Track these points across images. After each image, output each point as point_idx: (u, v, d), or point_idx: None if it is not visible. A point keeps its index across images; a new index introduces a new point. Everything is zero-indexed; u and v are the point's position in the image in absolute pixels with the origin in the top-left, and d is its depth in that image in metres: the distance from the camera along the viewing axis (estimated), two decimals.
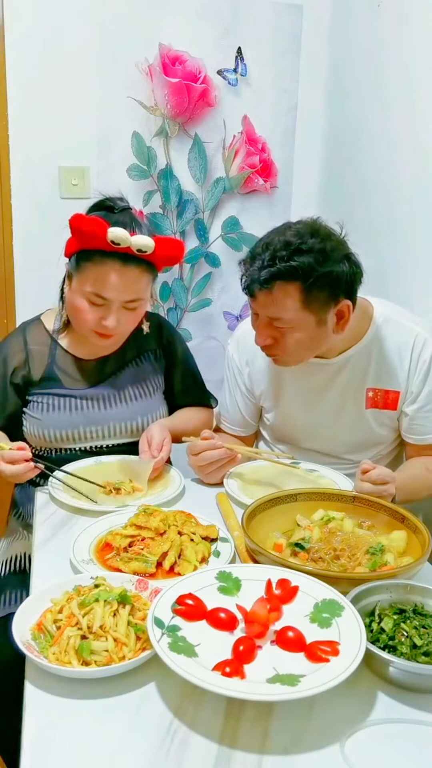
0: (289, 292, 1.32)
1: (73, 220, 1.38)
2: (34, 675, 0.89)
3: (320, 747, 0.80)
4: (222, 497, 1.40)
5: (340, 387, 1.54)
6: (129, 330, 1.53)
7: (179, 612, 0.95)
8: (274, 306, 1.35)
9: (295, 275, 1.31)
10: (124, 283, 1.42)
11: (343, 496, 1.31)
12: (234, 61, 2.33)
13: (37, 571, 1.15)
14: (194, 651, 0.89)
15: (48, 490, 1.41)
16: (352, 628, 0.92)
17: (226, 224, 2.46)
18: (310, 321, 1.36)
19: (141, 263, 1.42)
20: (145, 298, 1.48)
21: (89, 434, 1.53)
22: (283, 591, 1.01)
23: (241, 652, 0.89)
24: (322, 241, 1.33)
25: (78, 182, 2.25)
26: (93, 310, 1.44)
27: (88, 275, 1.42)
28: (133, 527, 1.20)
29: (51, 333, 1.58)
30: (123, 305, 1.44)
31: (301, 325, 1.36)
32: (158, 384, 1.64)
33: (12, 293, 2.29)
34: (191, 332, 2.51)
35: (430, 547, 1.11)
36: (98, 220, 1.36)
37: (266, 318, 1.39)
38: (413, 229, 1.89)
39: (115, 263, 1.40)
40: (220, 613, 0.96)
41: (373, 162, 2.11)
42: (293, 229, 1.35)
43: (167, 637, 0.90)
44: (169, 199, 2.37)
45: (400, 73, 1.93)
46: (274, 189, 2.50)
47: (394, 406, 1.53)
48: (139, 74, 2.23)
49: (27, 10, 2.09)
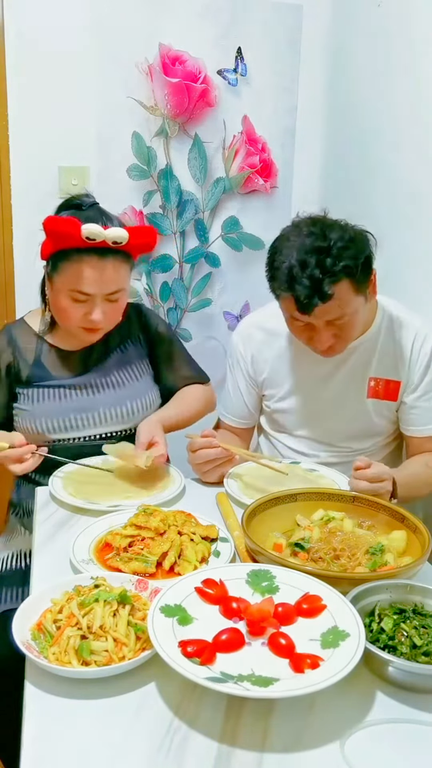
0: (344, 290, 1.36)
1: (47, 222, 1.40)
2: (34, 675, 0.89)
3: (320, 746, 0.80)
4: (222, 497, 1.40)
5: (344, 376, 1.57)
6: (114, 322, 1.55)
7: (199, 590, 0.98)
8: (335, 309, 1.38)
9: (348, 273, 1.35)
10: (104, 276, 1.44)
11: (343, 496, 1.31)
12: (234, 61, 2.33)
13: (37, 570, 1.15)
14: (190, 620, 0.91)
15: (48, 489, 1.41)
16: (350, 626, 0.92)
17: (226, 224, 2.46)
18: (361, 301, 1.43)
19: (117, 255, 1.44)
20: (125, 288, 1.51)
21: (80, 422, 1.54)
22: (309, 606, 0.98)
23: (221, 641, 0.90)
24: (343, 231, 1.37)
25: (78, 182, 2.24)
26: (77, 307, 1.46)
27: (68, 274, 1.44)
28: (133, 527, 1.20)
29: (37, 333, 1.59)
30: (106, 298, 1.47)
31: (358, 309, 1.42)
32: (145, 368, 1.65)
33: (12, 293, 2.29)
34: (191, 332, 2.51)
35: (430, 547, 1.11)
36: (71, 220, 1.39)
37: (324, 322, 1.41)
38: (414, 229, 1.89)
39: (92, 258, 1.42)
40: (232, 602, 0.98)
41: (374, 162, 2.11)
42: (306, 234, 1.36)
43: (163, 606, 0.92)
44: (169, 199, 2.37)
45: (400, 73, 1.93)
46: (274, 189, 2.50)
47: (394, 396, 1.56)
48: (139, 74, 2.23)
49: (27, 10, 2.09)
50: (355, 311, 1.42)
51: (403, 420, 1.59)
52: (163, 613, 0.92)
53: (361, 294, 1.41)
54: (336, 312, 1.38)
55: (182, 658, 0.86)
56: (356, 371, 1.57)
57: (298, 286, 1.34)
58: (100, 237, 1.39)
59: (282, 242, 1.40)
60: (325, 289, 1.33)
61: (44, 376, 1.56)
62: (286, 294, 1.38)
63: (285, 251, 1.37)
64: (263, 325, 1.66)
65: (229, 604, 0.97)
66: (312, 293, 1.33)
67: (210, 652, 0.88)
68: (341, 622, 0.94)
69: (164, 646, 0.87)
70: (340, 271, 1.33)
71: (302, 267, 1.33)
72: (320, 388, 1.60)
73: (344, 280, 1.35)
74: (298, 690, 0.81)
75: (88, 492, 1.39)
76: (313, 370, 1.59)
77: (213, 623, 0.95)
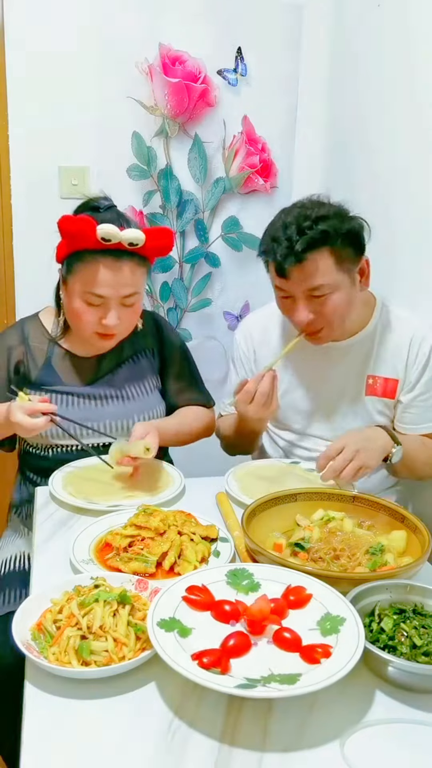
0: (323, 257, 1.40)
1: (62, 222, 1.39)
2: (34, 675, 0.89)
3: (320, 746, 0.80)
4: (222, 497, 1.40)
5: (343, 372, 1.59)
6: (130, 327, 1.53)
7: (186, 599, 0.97)
8: (312, 276, 1.41)
9: (325, 239, 1.39)
10: (119, 278, 1.42)
11: (343, 496, 1.31)
12: (234, 61, 2.33)
13: (37, 571, 1.15)
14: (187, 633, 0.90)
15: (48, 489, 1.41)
16: (350, 625, 0.92)
17: (226, 224, 2.46)
18: (345, 281, 1.44)
19: (133, 257, 1.42)
20: (141, 292, 1.49)
21: (86, 431, 1.53)
22: (295, 597, 0.99)
23: (230, 647, 0.90)
24: (333, 207, 1.45)
25: (78, 182, 2.24)
26: (92, 310, 1.44)
27: (82, 276, 1.42)
28: (133, 527, 1.20)
29: (49, 333, 1.58)
30: (121, 301, 1.45)
31: (339, 286, 1.44)
32: (154, 382, 1.64)
33: (12, 293, 2.29)
34: (191, 332, 2.51)
35: (430, 547, 1.11)
36: (87, 219, 1.37)
37: (304, 293, 1.44)
38: (414, 228, 1.89)
39: (108, 260, 1.40)
40: (224, 605, 0.97)
41: (374, 162, 2.11)
42: (298, 207, 1.45)
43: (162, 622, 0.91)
44: (169, 199, 2.37)
45: (401, 73, 1.93)
46: (274, 189, 2.49)
47: (392, 394, 1.57)
48: (139, 74, 2.23)
49: (27, 10, 2.09)
50: (337, 288, 1.43)
51: (399, 418, 1.59)
52: (163, 628, 0.91)
53: (344, 271, 1.43)
54: (311, 281, 1.41)
55: (201, 671, 0.84)
56: (354, 368, 1.58)
57: (277, 247, 1.40)
58: (116, 238, 1.37)
59: (277, 216, 1.48)
60: (298, 249, 1.37)
61: (53, 380, 1.54)
62: (268, 257, 1.44)
63: (275, 221, 1.45)
64: (263, 323, 1.69)
65: (222, 608, 0.97)
66: (287, 253, 1.38)
67: (225, 659, 0.87)
68: (331, 607, 0.96)
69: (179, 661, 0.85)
70: (317, 235, 1.38)
71: (283, 230, 1.40)
72: (319, 385, 1.61)
73: (323, 248, 1.39)
74: (297, 690, 0.81)
75: (88, 492, 1.39)
76: (312, 367, 1.61)
77: (211, 630, 0.94)
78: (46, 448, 1.55)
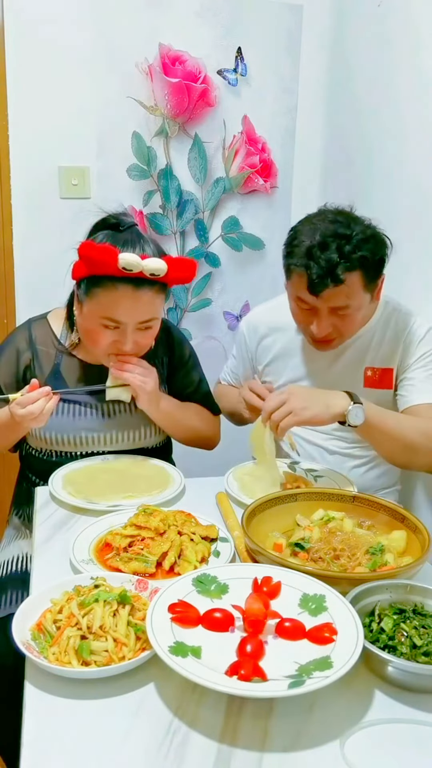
0: (356, 280, 1.40)
1: (83, 248, 1.35)
2: (34, 675, 0.89)
3: (320, 746, 0.80)
4: (222, 497, 1.40)
5: (341, 366, 1.60)
6: (145, 349, 1.50)
7: (175, 620, 0.94)
8: (343, 296, 1.41)
9: (363, 265, 1.39)
10: (138, 306, 1.39)
11: (343, 496, 1.31)
12: (234, 61, 2.33)
13: (37, 571, 1.15)
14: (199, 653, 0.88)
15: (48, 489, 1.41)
16: (348, 623, 0.92)
17: (226, 224, 2.46)
18: (366, 300, 1.46)
19: (154, 285, 1.39)
20: (159, 318, 1.47)
21: (89, 441, 1.52)
22: (268, 588, 1.00)
23: (251, 652, 0.88)
24: (366, 227, 1.43)
25: (78, 182, 2.25)
26: (108, 334, 1.42)
27: (100, 301, 1.39)
28: (133, 527, 1.20)
29: (58, 337, 1.56)
30: (137, 327, 1.42)
31: (362, 305, 1.46)
32: (163, 391, 1.61)
33: (12, 293, 2.29)
34: (191, 332, 2.51)
35: (430, 547, 1.11)
36: (108, 248, 1.33)
37: (329, 309, 1.44)
38: (415, 228, 1.89)
39: (128, 289, 1.37)
40: (215, 614, 0.96)
41: (374, 162, 2.11)
42: (331, 221, 1.42)
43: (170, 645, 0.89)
44: (169, 199, 2.37)
45: (401, 73, 1.93)
46: (274, 189, 2.50)
47: (389, 384, 1.58)
48: (139, 74, 2.23)
49: (27, 10, 2.09)
50: (359, 307, 1.45)
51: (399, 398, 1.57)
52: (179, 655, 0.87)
53: (368, 291, 1.45)
54: (342, 300, 1.41)
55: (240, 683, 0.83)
56: (352, 362, 1.59)
57: (314, 265, 1.38)
58: (137, 268, 1.33)
59: (305, 224, 1.45)
60: (339, 273, 1.37)
61: (60, 387, 1.51)
62: (300, 270, 1.41)
63: (307, 231, 1.42)
64: (268, 317, 1.71)
65: (212, 616, 0.95)
66: (325, 274, 1.37)
67: (256, 665, 0.86)
68: (306, 588, 0.99)
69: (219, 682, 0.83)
70: (357, 260, 1.37)
71: (322, 248, 1.38)
72: (317, 379, 1.62)
73: (358, 270, 1.39)
74: (296, 690, 0.81)
75: (87, 492, 1.39)
76: (312, 362, 1.63)
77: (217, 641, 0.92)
78: (48, 452, 1.55)
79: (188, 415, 1.62)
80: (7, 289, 2.28)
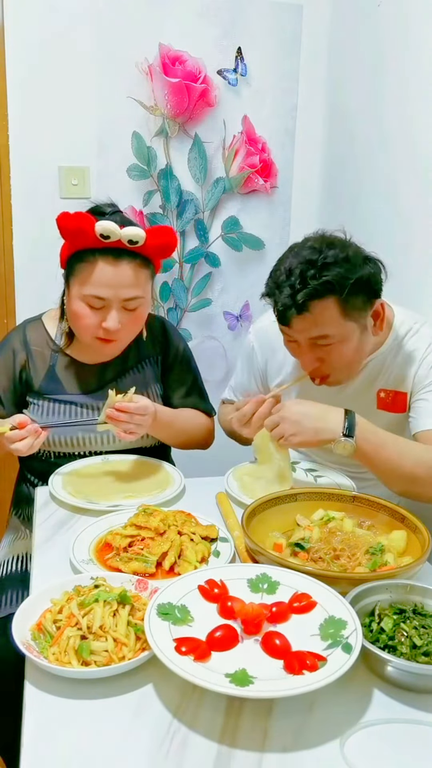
0: (328, 307, 1.32)
1: (60, 218, 1.37)
2: (34, 675, 0.89)
3: (320, 746, 0.80)
4: (222, 497, 1.40)
5: (354, 388, 1.54)
6: (132, 334, 1.50)
7: (201, 588, 0.98)
8: (315, 326, 1.34)
9: (330, 290, 1.30)
10: (120, 278, 1.39)
11: (343, 496, 1.31)
12: (234, 61, 2.33)
13: (37, 571, 1.15)
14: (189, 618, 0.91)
15: (48, 489, 1.41)
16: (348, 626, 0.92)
17: (226, 224, 2.46)
18: (354, 330, 1.37)
19: (135, 257, 1.40)
20: (144, 298, 1.46)
21: (86, 441, 1.52)
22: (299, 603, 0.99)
23: (215, 638, 0.90)
24: (342, 250, 1.33)
25: (78, 182, 2.25)
26: (93, 314, 1.42)
27: (82, 276, 1.40)
28: (133, 527, 1.20)
29: (53, 338, 1.56)
30: (122, 305, 1.42)
31: (347, 336, 1.36)
32: (158, 391, 1.62)
33: (12, 293, 2.29)
34: (191, 332, 2.51)
35: (430, 547, 1.11)
36: (85, 215, 1.35)
37: (308, 341, 1.38)
38: (414, 227, 1.89)
39: (107, 259, 1.38)
40: (229, 602, 0.97)
41: (374, 162, 2.11)
42: (307, 248, 1.34)
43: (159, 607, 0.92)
44: (169, 199, 2.37)
45: (400, 73, 1.93)
46: (274, 189, 2.50)
47: (403, 407, 1.52)
48: (139, 74, 2.23)
49: (27, 10, 2.09)
50: (345, 337, 1.36)
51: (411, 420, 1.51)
52: (160, 614, 0.92)
53: (352, 320, 1.35)
54: (314, 330, 1.34)
55: (178, 657, 0.86)
56: (365, 384, 1.53)
57: (278, 294, 1.33)
58: (115, 235, 1.34)
59: (287, 253, 1.39)
60: (299, 300, 1.29)
61: (56, 388, 1.53)
62: (269, 301, 1.38)
63: (284, 260, 1.37)
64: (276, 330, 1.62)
65: (225, 604, 0.97)
66: (290, 303, 1.31)
67: (206, 650, 0.88)
68: (335, 612, 0.95)
69: (161, 646, 0.87)
70: (320, 286, 1.29)
71: (287, 276, 1.32)
72: (330, 399, 1.52)
73: (328, 297, 1.31)
74: (297, 690, 0.81)
75: (87, 492, 1.39)
76: None
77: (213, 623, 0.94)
78: (47, 453, 1.55)
79: (182, 422, 1.61)
80: (7, 289, 2.28)
